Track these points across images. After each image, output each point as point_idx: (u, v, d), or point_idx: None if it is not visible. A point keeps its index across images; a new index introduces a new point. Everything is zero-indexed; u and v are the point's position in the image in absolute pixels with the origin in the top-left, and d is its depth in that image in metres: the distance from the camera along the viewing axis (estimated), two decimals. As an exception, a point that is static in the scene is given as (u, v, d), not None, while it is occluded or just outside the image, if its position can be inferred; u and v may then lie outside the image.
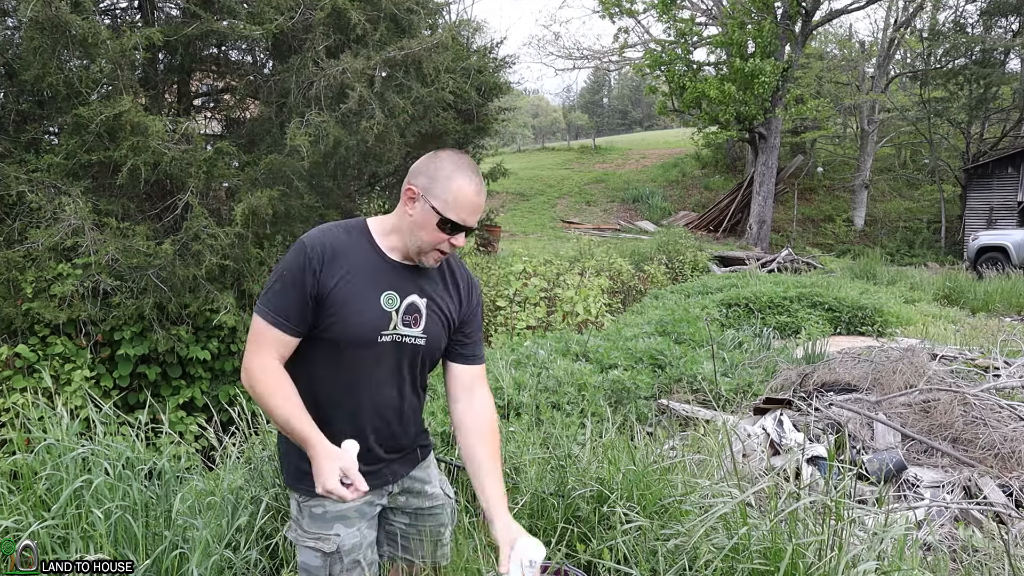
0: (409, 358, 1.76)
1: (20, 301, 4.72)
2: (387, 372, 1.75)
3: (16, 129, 5.33)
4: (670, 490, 2.46)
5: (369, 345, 1.69)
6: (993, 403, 3.61)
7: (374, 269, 1.70)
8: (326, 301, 1.64)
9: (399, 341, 1.72)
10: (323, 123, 5.24)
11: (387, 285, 1.70)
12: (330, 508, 1.73)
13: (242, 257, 5.26)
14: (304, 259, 1.63)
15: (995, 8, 21.48)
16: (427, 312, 1.76)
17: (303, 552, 1.75)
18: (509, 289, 8.47)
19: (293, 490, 1.77)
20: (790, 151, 25.46)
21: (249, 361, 1.64)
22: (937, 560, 2.24)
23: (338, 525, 1.74)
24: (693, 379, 4.86)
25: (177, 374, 5.29)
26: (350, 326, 1.66)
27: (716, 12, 19.95)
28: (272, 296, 1.65)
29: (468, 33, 8.46)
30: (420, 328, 1.75)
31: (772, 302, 8.09)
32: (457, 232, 1.67)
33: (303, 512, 1.75)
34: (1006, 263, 14.08)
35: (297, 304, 1.63)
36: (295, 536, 1.77)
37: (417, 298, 1.75)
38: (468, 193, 1.65)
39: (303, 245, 1.66)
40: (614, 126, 64.45)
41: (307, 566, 1.76)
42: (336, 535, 1.73)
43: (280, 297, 1.64)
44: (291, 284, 1.63)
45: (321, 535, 1.73)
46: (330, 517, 1.73)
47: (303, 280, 1.63)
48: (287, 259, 1.66)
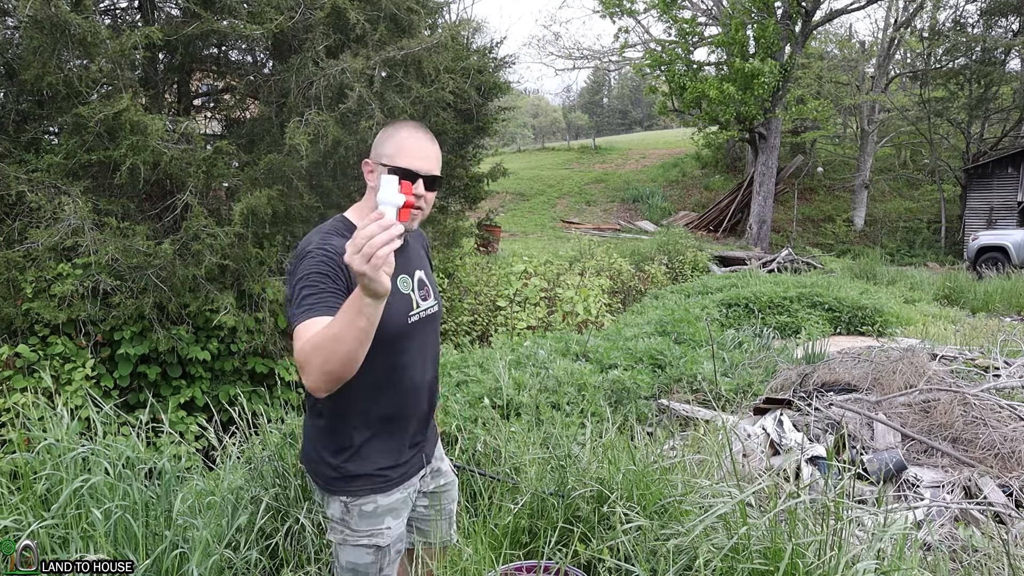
0: (434, 329, 1.87)
1: (20, 301, 4.72)
2: (422, 350, 1.81)
3: (16, 129, 5.33)
4: (670, 490, 2.46)
5: (403, 330, 1.73)
6: (993, 403, 3.60)
7: None
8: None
9: (425, 316, 1.81)
10: (323, 123, 5.24)
11: (397, 269, 1.72)
12: (381, 503, 1.76)
13: (242, 257, 5.25)
14: (327, 259, 1.59)
15: (995, 8, 21.49)
16: (428, 280, 1.87)
17: (352, 551, 1.76)
18: (509, 289, 8.48)
19: (338, 493, 1.75)
20: (790, 151, 25.46)
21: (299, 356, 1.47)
22: (937, 560, 2.24)
23: (388, 518, 1.77)
24: (693, 379, 4.86)
25: (177, 374, 5.29)
26: (384, 319, 1.61)
27: (716, 12, 19.95)
28: (305, 298, 1.55)
29: (468, 33, 8.45)
30: (432, 297, 1.87)
31: (772, 302, 8.09)
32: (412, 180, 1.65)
33: (351, 512, 1.75)
34: (1006, 263, 14.08)
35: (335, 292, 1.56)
36: (342, 537, 1.77)
37: (420, 271, 1.85)
38: (410, 140, 1.66)
39: (319, 250, 1.61)
40: (614, 126, 64.46)
41: (354, 564, 1.77)
42: (388, 528, 1.77)
43: (315, 294, 1.55)
44: (322, 278, 1.56)
45: (374, 531, 1.75)
46: (381, 512, 1.76)
47: (335, 273, 1.57)
48: (306, 267, 1.59)
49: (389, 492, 1.77)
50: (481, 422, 3.27)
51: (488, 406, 3.54)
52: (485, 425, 3.19)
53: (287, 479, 2.66)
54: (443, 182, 8.94)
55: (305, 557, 2.52)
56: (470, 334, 8.17)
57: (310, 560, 2.50)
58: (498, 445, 3.02)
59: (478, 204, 9.78)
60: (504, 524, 2.45)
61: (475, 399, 3.72)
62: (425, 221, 8.66)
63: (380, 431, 1.75)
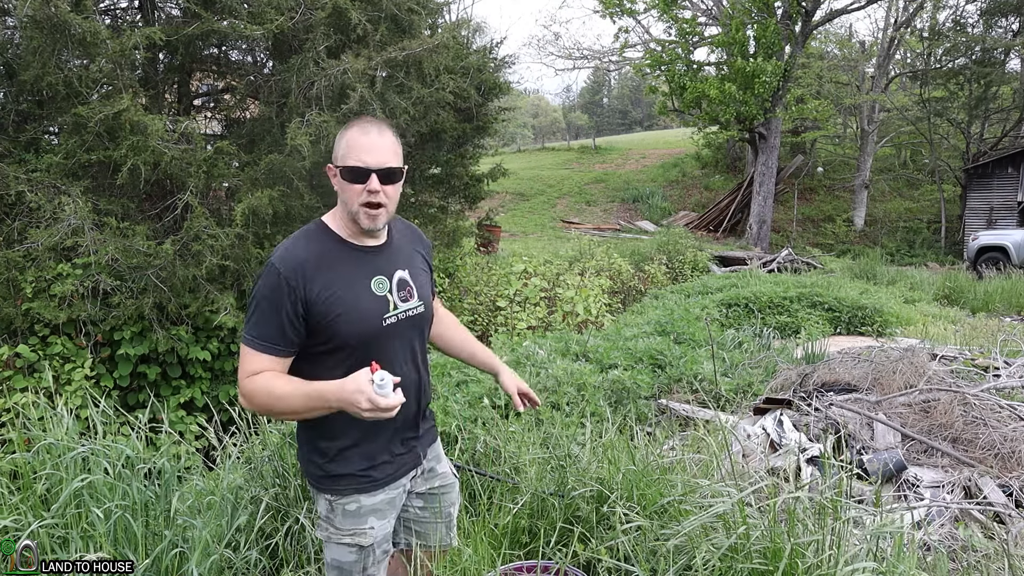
0: (417, 330, 1.84)
1: (20, 301, 4.72)
2: (402, 351, 1.80)
3: (16, 129, 5.33)
4: (670, 490, 2.46)
5: (377, 332, 1.72)
6: (993, 403, 3.60)
7: (351, 261, 1.73)
8: (318, 311, 1.65)
9: (403, 318, 1.78)
10: (324, 123, 5.24)
11: (371, 271, 1.75)
12: (364, 503, 1.77)
13: (242, 257, 5.25)
14: (280, 281, 1.63)
15: (995, 8, 21.48)
16: (413, 280, 1.83)
17: (336, 549, 1.79)
18: (509, 289, 8.48)
19: (324, 491, 1.78)
20: (790, 151, 25.45)
21: (241, 385, 1.64)
22: (936, 560, 2.24)
23: (372, 518, 1.78)
24: (693, 379, 4.86)
25: (177, 374, 5.29)
26: (353, 323, 1.68)
27: (716, 12, 19.94)
28: (255, 324, 1.64)
29: (468, 33, 8.46)
30: (415, 298, 1.82)
31: (772, 302, 8.09)
32: (365, 177, 1.66)
33: (335, 510, 1.77)
34: (1006, 263, 14.08)
35: (282, 327, 1.63)
36: (327, 535, 1.80)
37: (402, 272, 1.81)
38: (356, 137, 1.68)
39: (275, 269, 1.64)
40: (614, 126, 64.46)
41: (339, 562, 1.80)
42: (371, 528, 1.78)
43: (264, 325, 1.64)
44: (272, 309, 1.63)
45: (356, 530, 1.77)
46: (364, 512, 1.77)
47: (283, 303, 1.62)
48: (262, 285, 1.65)
49: (373, 493, 1.78)
50: (481, 422, 3.27)
51: (488, 406, 3.54)
52: (485, 425, 3.19)
53: (287, 479, 2.66)
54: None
55: (305, 557, 2.52)
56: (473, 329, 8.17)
57: (310, 560, 2.50)
58: (498, 445, 3.02)
59: (478, 204, 9.78)
60: (504, 524, 2.46)
61: (475, 399, 3.72)
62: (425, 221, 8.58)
63: (363, 436, 1.75)
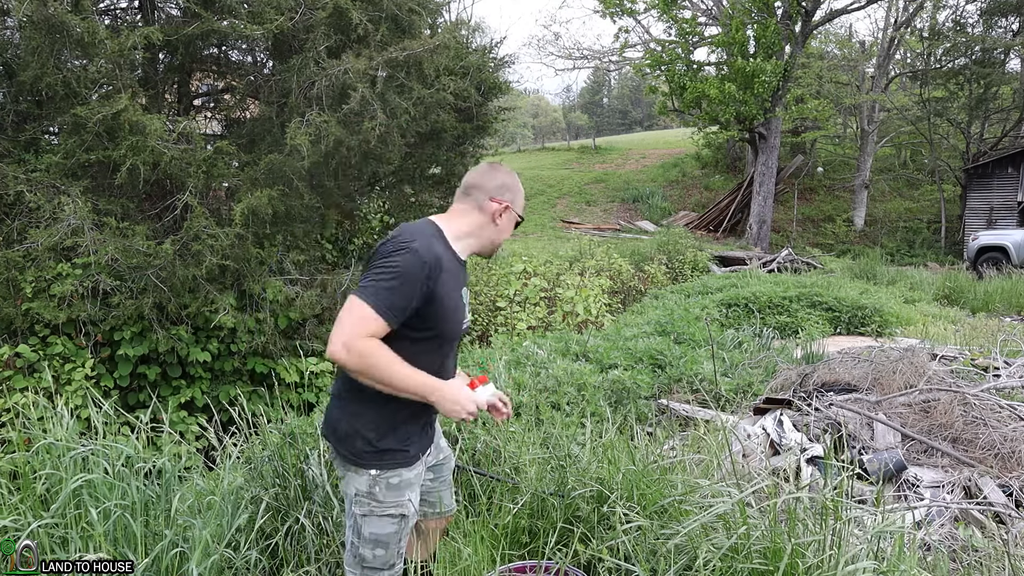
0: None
1: (20, 301, 4.72)
2: (454, 353, 2.07)
3: (15, 129, 5.33)
4: (670, 490, 2.46)
5: (459, 334, 2.00)
6: (993, 403, 3.60)
7: (457, 272, 1.95)
8: (434, 306, 1.84)
9: (467, 326, 2.08)
10: (324, 123, 5.23)
11: (462, 282, 2.00)
12: (405, 476, 1.93)
13: (242, 257, 5.25)
14: (423, 267, 1.79)
15: (995, 8, 21.48)
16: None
17: (377, 523, 1.92)
18: (509, 289, 8.48)
19: (368, 466, 1.90)
20: (790, 151, 25.45)
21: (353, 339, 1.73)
22: (937, 560, 2.24)
23: (408, 491, 1.94)
24: (693, 379, 4.85)
25: (177, 374, 5.29)
26: (454, 324, 1.93)
27: (716, 12, 19.95)
28: (386, 292, 1.76)
29: (467, 32, 8.45)
30: (469, 312, 2.12)
31: (772, 302, 8.09)
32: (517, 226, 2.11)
33: (378, 484, 1.90)
34: (1006, 263, 14.08)
35: (407, 305, 1.79)
36: (367, 510, 1.91)
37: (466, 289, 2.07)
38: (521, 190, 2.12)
39: (419, 255, 1.79)
40: (614, 126, 64.46)
41: (377, 535, 1.92)
42: (409, 500, 1.94)
43: (394, 295, 1.77)
44: (406, 285, 1.77)
45: (399, 502, 1.92)
46: (403, 485, 1.93)
47: (417, 287, 1.79)
48: (403, 261, 1.78)
49: (412, 466, 1.95)
50: (481, 422, 3.27)
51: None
52: (485, 425, 3.19)
53: (287, 479, 2.66)
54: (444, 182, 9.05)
55: (305, 557, 2.52)
56: (470, 334, 8.17)
57: (310, 560, 2.50)
58: (498, 445, 3.02)
59: (478, 204, 9.75)
60: (504, 524, 2.45)
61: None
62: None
63: (412, 415, 1.94)
